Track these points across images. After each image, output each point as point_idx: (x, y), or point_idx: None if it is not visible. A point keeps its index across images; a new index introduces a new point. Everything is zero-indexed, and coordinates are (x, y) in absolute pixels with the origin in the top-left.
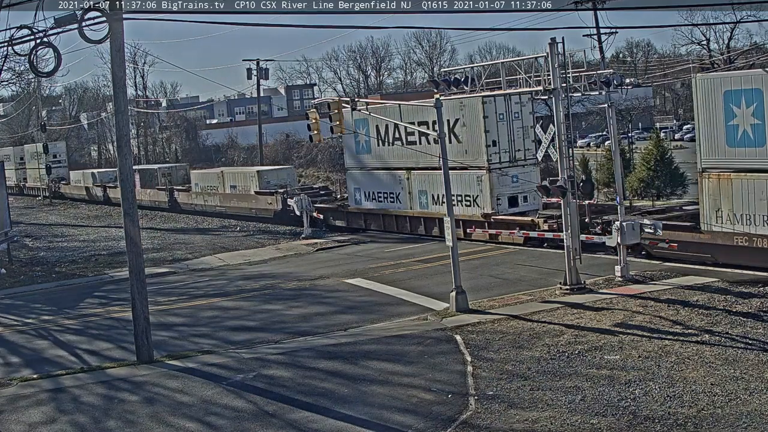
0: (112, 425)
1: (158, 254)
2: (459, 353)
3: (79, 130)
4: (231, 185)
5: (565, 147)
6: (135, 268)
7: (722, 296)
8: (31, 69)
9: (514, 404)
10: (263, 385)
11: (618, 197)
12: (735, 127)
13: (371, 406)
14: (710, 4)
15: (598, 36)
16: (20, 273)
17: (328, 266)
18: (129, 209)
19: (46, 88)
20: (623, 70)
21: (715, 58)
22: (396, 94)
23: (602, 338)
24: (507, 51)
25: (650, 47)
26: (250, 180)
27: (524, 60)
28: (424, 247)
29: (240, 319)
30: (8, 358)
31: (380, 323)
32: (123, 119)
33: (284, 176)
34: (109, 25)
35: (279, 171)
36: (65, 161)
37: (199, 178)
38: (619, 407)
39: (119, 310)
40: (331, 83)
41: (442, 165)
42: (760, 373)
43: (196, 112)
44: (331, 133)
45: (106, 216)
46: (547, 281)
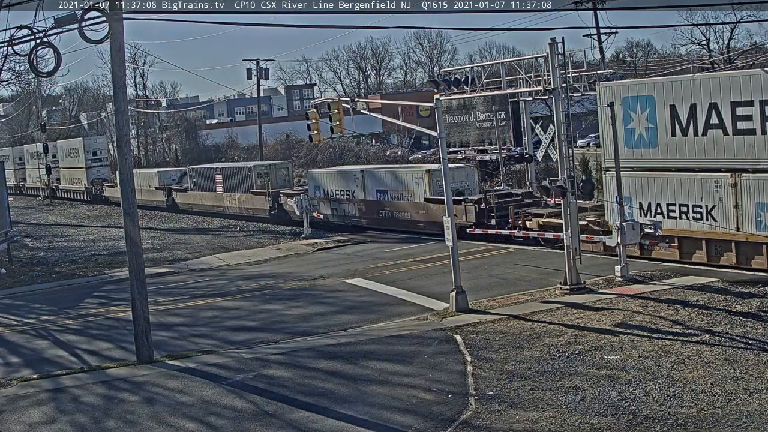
0: (112, 425)
1: (158, 254)
2: (459, 353)
3: (79, 130)
4: (379, 189)
5: (565, 147)
6: (135, 268)
7: (722, 296)
8: (31, 69)
9: (514, 404)
10: (263, 385)
11: (618, 197)
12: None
13: (371, 406)
14: (710, 4)
15: (598, 36)
16: (20, 273)
17: (328, 266)
18: (129, 209)
19: (46, 88)
20: (623, 70)
21: (715, 58)
22: (396, 93)
23: (602, 338)
24: (507, 51)
25: (650, 47)
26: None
27: (524, 60)
28: (424, 247)
29: (240, 319)
30: (8, 358)
31: (380, 323)
32: (123, 119)
33: (462, 177)
34: (109, 25)
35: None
36: (107, 159)
37: (325, 179)
38: (619, 407)
39: (119, 310)
40: (331, 83)
41: (442, 165)
42: (760, 373)
43: (196, 112)
44: (331, 133)
45: (106, 216)
46: (547, 281)
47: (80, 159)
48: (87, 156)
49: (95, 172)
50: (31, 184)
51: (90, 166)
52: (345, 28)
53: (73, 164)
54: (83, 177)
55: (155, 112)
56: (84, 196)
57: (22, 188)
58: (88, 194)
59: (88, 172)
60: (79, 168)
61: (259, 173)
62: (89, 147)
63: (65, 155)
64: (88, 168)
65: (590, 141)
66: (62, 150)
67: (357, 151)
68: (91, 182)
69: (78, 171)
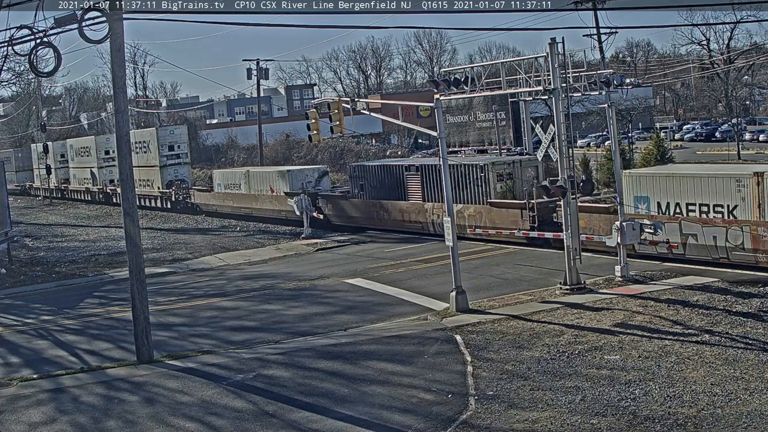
0: (112, 425)
1: (158, 254)
2: (459, 353)
3: (79, 130)
4: None
5: (565, 147)
6: (135, 268)
7: (722, 296)
8: (31, 69)
9: (514, 404)
10: (263, 385)
11: (618, 197)
12: None
13: (371, 406)
14: (710, 4)
15: (598, 36)
16: (20, 273)
17: (328, 266)
18: (129, 209)
19: (46, 88)
20: (623, 70)
21: (715, 58)
22: (396, 93)
23: (602, 338)
24: (507, 51)
25: (650, 47)
26: None
27: (524, 60)
28: (424, 247)
29: (240, 319)
30: (8, 358)
31: (380, 323)
32: (123, 119)
33: None
34: (109, 25)
35: None
36: (186, 155)
37: None
38: (619, 407)
39: (119, 310)
40: (331, 83)
41: (442, 165)
42: (760, 373)
43: (196, 112)
44: (331, 133)
45: (106, 216)
46: (547, 281)
47: (151, 155)
48: (161, 151)
49: (172, 171)
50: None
51: (165, 164)
52: (345, 28)
53: (139, 161)
54: (156, 179)
55: (155, 112)
56: (158, 202)
57: (65, 191)
58: (165, 200)
59: (162, 173)
60: (150, 167)
61: (498, 174)
62: (164, 139)
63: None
64: (162, 167)
65: (590, 141)
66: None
67: (357, 151)
68: (168, 185)
69: (147, 171)
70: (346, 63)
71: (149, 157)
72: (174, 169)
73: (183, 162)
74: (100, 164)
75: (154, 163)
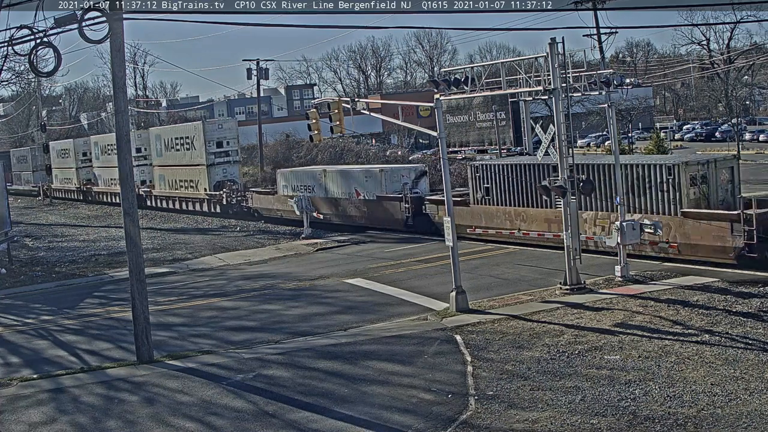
0: (112, 425)
1: (158, 254)
2: (459, 353)
3: (79, 130)
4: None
5: (565, 147)
6: (135, 268)
7: (722, 296)
8: (31, 69)
9: (514, 404)
10: (263, 385)
11: (618, 197)
12: None
13: (371, 406)
14: (710, 4)
15: (598, 36)
16: (20, 273)
17: (328, 266)
18: (129, 209)
19: (46, 88)
20: (623, 70)
21: (715, 58)
22: (396, 94)
23: (602, 338)
24: (507, 51)
25: (650, 47)
26: None
27: (524, 60)
28: (424, 247)
29: (240, 319)
30: (8, 358)
31: (380, 323)
32: (123, 119)
33: None
34: (109, 25)
35: None
36: (237, 152)
37: None
38: (619, 407)
39: (119, 310)
40: (331, 83)
41: (442, 165)
42: (760, 373)
43: (196, 112)
44: (331, 133)
45: (106, 216)
46: (547, 281)
47: (196, 153)
48: (209, 148)
49: (220, 171)
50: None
51: (213, 163)
52: (345, 28)
53: (181, 160)
54: (202, 179)
55: (155, 112)
56: (204, 206)
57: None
58: (214, 204)
59: (209, 172)
60: (194, 166)
61: (692, 176)
62: (211, 135)
63: (165, 147)
64: (209, 166)
65: (590, 141)
66: (159, 140)
67: (357, 151)
68: (216, 186)
69: (190, 171)
70: (346, 63)
71: (193, 155)
72: (222, 168)
73: (233, 160)
74: None
75: (199, 162)
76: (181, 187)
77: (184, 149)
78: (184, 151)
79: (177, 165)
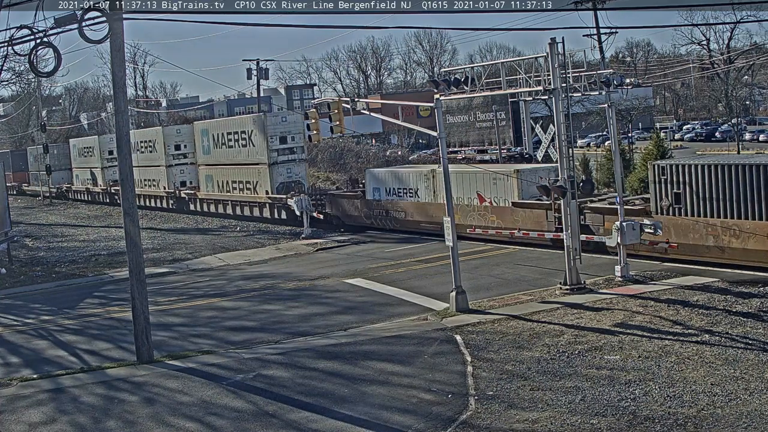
0: (111, 425)
1: (158, 254)
2: (459, 353)
3: (79, 130)
4: None
5: (565, 147)
6: (135, 268)
7: (722, 296)
8: (31, 69)
9: (514, 404)
10: (263, 385)
11: (618, 197)
12: None
13: (371, 407)
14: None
15: (598, 36)
16: (20, 273)
17: (328, 266)
18: (129, 209)
19: (46, 88)
20: (623, 70)
21: (715, 58)
22: (396, 93)
23: (602, 338)
24: (507, 51)
25: (650, 47)
26: None
27: (524, 60)
28: (424, 247)
29: (240, 319)
30: (8, 358)
31: (380, 323)
32: (123, 119)
33: None
34: (109, 25)
35: None
36: (303, 149)
37: None
38: (619, 407)
39: (119, 310)
40: (331, 83)
41: (442, 165)
42: (760, 373)
43: (196, 112)
44: (331, 133)
45: (106, 216)
46: (547, 281)
47: (254, 150)
48: (270, 144)
49: (284, 171)
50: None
51: (275, 162)
52: (345, 28)
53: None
54: (263, 180)
55: (155, 112)
56: (265, 211)
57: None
58: (279, 209)
59: (271, 173)
60: (251, 165)
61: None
62: (273, 129)
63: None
64: (271, 165)
65: (590, 141)
66: (208, 134)
67: (357, 151)
68: (279, 188)
69: (247, 171)
70: (346, 63)
71: (251, 152)
72: (287, 167)
73: (298, 158)
74: (168, 162)
75: (259, 161)
76: (235, 189)
77: (239, 145)
78: (239, 147)
79: (229, 164)
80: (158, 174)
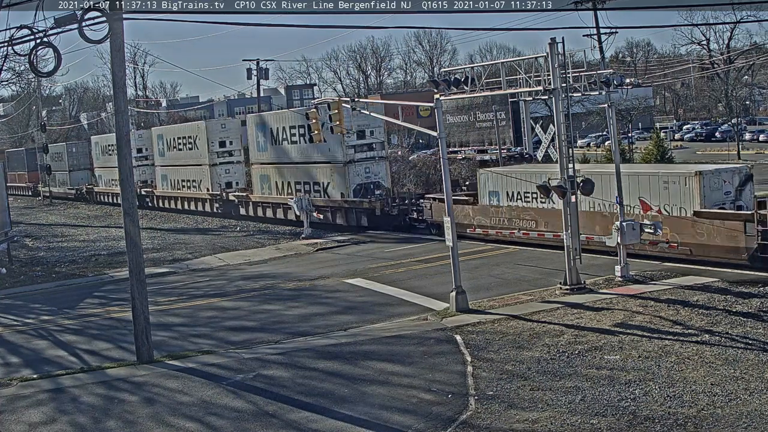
0: (111, 425)
1: (158, 254)
2: (459, 353)
3: (79, 130)
4: None
5: (565, 147)
6: (135, 268)
7: (722, 296)
8: (31, 69)
9: (514, 404)
10: (263, 386)
11: (618, 197)
12: None
13: (371, 407)
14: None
15: (598, 36)
16: (20, 273)
17: (328, 266)
18: (129, 209)
19: (46, 88)
20: (623, 70)
21: (715, 58)
22: (396, 93)
23: (602, 338)
24: (507, 51)
25: (650, 47)
26: None
27: (524, 60)
28: (424, 247)
29: (240, 319)
30: (8, 358)
31: (380, 323)
32: (123, 119)
33: None
34: (109, 25)
35: None
36: (383, 146)
37: None
38: (619, 407)
39: (119, 310)
40: (331, 83)
41: (442, 165)
42: (760, 373)
43: (196, 112)
44: (331, 133)
45: (106, 216)
46: (547, 281)
47: (324, 146)
48: (347, 140)
49: (362, 171)
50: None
51: (352, 160)
52: (345, 28)
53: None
54: (336, 181)
55: (155, 112)
56: (340, 217)
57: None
58: (359, 215)
59: (347, 172)
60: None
61: None
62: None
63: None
64: (347, 163)
65: (590, 141)
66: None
67: None
68: (357, 191)
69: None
70: (346, 63)
71: (320, 148)
72: (364, 167)
73: (378, 156)
74: (212, 160)
75: (331, 159)
76: (298, 190)
77: (303, 141)
78: (303, 143)
79: (290, 163)
80: (200, 174)
